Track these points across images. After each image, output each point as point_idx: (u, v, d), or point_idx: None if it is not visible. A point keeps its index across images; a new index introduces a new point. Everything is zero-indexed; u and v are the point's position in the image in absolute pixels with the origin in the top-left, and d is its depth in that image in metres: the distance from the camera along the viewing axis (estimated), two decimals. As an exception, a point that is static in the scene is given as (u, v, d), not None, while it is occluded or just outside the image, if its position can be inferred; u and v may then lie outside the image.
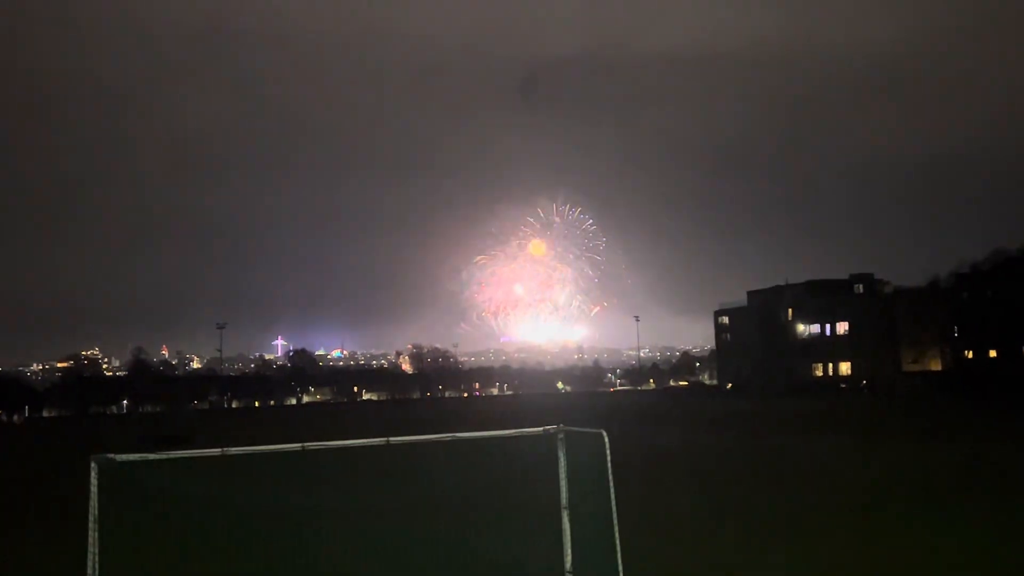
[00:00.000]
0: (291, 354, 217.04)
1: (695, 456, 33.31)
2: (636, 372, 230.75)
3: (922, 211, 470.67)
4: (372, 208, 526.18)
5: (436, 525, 18.43)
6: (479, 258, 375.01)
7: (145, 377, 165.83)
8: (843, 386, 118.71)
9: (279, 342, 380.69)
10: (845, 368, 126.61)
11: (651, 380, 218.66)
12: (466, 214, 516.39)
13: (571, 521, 12.34)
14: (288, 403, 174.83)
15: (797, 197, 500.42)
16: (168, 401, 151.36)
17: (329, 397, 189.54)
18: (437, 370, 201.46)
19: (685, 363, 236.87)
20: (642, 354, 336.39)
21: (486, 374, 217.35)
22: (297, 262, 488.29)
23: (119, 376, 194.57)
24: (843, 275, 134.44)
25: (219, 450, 11.03)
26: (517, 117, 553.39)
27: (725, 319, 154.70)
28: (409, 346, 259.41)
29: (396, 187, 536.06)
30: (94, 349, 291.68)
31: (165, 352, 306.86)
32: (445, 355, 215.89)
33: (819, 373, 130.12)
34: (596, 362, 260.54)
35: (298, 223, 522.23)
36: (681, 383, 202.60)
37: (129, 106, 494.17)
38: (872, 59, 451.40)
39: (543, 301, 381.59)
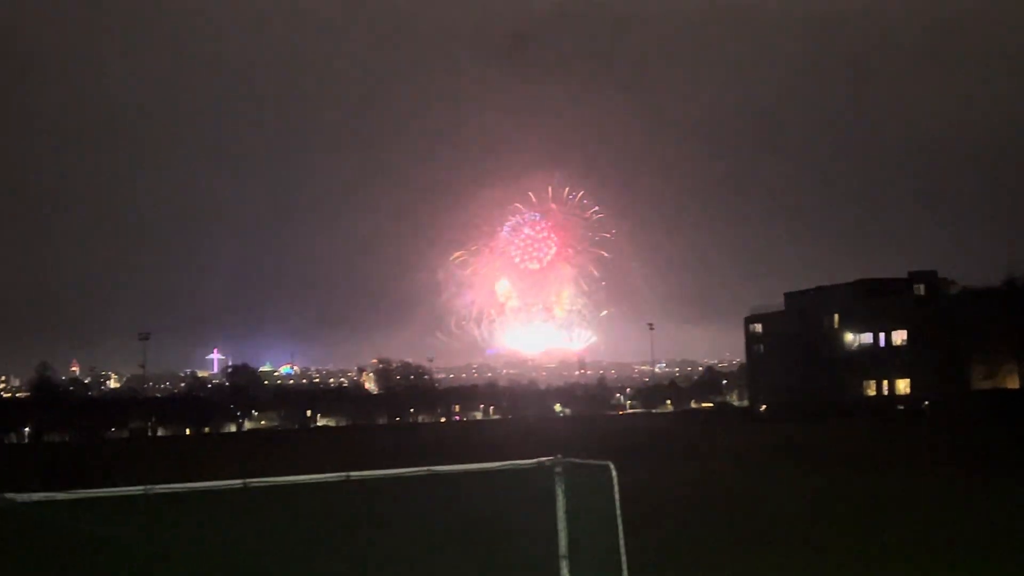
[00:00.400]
0: (230, 371, 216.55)
1: (721, 497, 33.43)
2: (650, 391, 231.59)
3: (995, 198, 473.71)
4: (328, 197, 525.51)
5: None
6: (458, 254, 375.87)
7: (51, 399, 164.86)
8: (900, 407, 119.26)
9: (215, 356, 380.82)
10: (903, 385, 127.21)
11: (668, 401, 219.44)
12: (442, 202, 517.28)
13: (571, 573, 12.36)
14: (227, 430, 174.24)
15: (844, 181, 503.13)
16: (80, 428, 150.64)
17: (277, 423, 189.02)
18: (408, 390, 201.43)
19: (709, 380, 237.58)
20: (657, 369, 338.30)
21: (468, 394, 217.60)
22: (237, 260, 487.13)
23: (19, 398, 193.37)
24: (900, 273, 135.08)
25: (142, 488, 11.01)
26: (504, 83, 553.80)
27: (758, 327, 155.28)
28: (374, 361, 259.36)
29: (357, 170, 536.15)
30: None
31: (76, 369, 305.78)
32: (418, 371, 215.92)
33: (871, 392, 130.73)
34: (602, 379, 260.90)
35: (238, 214, 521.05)
36: (705, 404, 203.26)
37: (26, 67, 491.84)
38: (940, 19, 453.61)
39: (536, 305, 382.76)
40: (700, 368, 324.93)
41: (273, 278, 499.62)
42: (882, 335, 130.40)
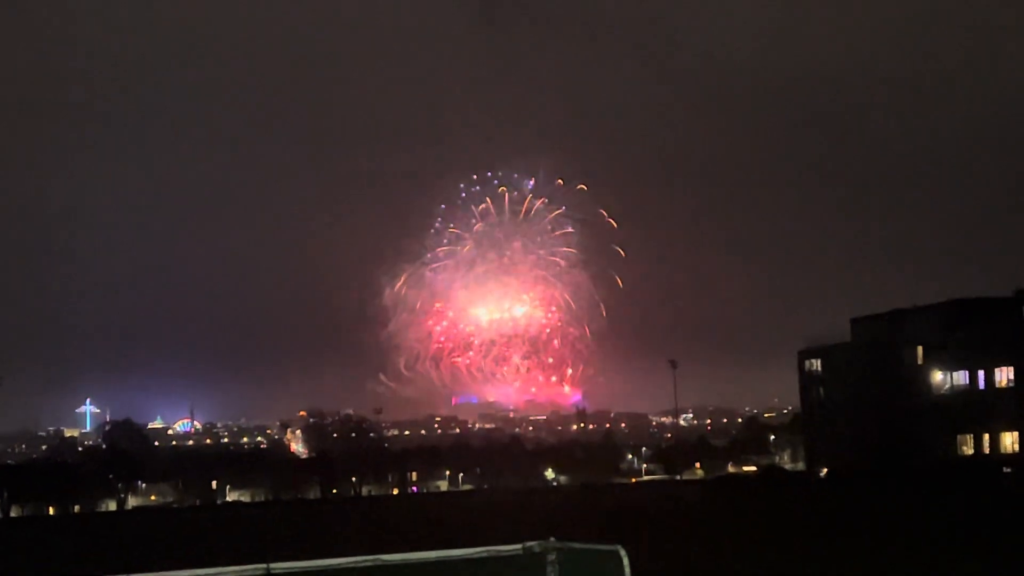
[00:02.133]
0: (108, 428, 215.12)
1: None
2: (674, 451, 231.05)
3: None
4: (234, 195, 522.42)
5: None
6: (408, 267, 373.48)
7: None
8: (1007, 470, 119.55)
9: (88, 409, 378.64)
10: (1010, 440, 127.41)
11: (697, 465, 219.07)
12: (390, 198, 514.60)
13: None
14: (104, 508, 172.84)
15: (922, 169, 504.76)
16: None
17: (172, 498, 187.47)
18: (349, 452, 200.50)
19: (752, 436, 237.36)
20: (682, 422, 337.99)
21: (429, 457, 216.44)
22: (115, 282, 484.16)
23: None
24: (1003, 291, 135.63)
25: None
26: (476, 45, 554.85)
27: (816, 364, 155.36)
28: (302, 413, 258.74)
29: (274, 159, 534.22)
30: None
31: None
32: (360, 427, 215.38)
33: (968, 449, 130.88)
34: (608, 435, 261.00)
35: (115, 220, 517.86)
36: (747, 468, 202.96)
37: None
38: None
39: (519, 338, 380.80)
40: (739, 420, 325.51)
41: (163, 306, 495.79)
42: (981, 373, 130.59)
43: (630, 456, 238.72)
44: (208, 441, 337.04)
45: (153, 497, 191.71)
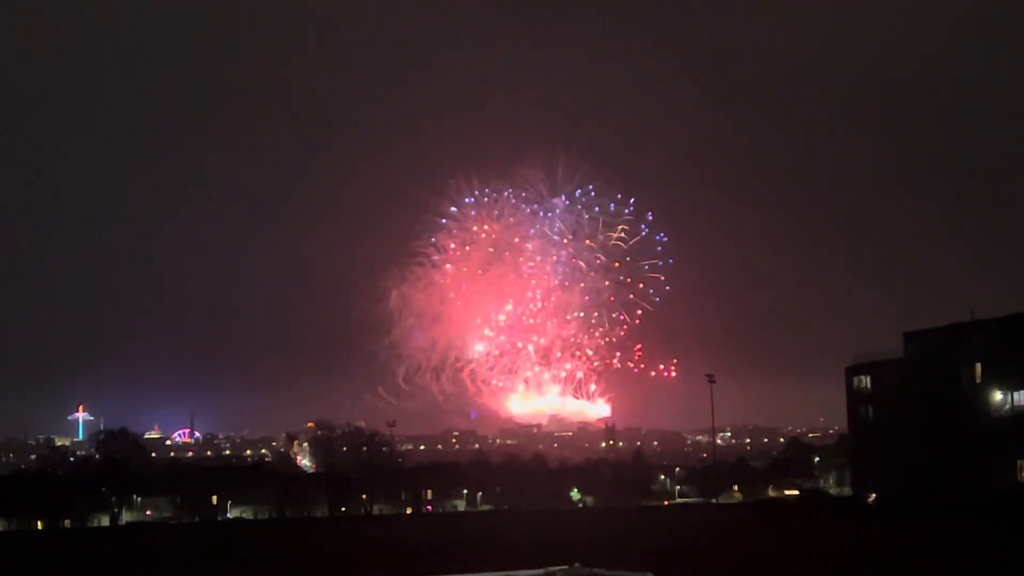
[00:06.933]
0: (102, 438, 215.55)
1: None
2: (709, 472, 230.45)
3: None
4: (235, 198, 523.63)
5: None
6: (417, 270, 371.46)
7: None
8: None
9: (80, 417, 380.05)
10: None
11: (735, 487, 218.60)
12: (396, 194, 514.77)
13: None
14: (97, 523, 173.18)
15: (981, 170, 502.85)
16: None
17: (169, 514, 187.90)
18: (360, 467, 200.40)
19: (794, 457, 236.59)
20: (720, 441, 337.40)
21: (445, 473, 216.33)
22: (112, 283, 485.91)
23: None
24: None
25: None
26: (497, 25, 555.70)
27: (865, 381, 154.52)
28: (309, 425, 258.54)
29: (270, 155, 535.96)
30: None
31: None
32: (373, 441, 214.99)
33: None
34: (639, 454, 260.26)
35: (112, 220, 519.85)
36: (788, 492, 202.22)
37: None
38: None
39: (535, 347, 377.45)
40: (781, 440, 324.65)
41: (162, 310, 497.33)
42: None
43: (662, 477, 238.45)
44: (209, 453, 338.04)
45: (149, 512, 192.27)
